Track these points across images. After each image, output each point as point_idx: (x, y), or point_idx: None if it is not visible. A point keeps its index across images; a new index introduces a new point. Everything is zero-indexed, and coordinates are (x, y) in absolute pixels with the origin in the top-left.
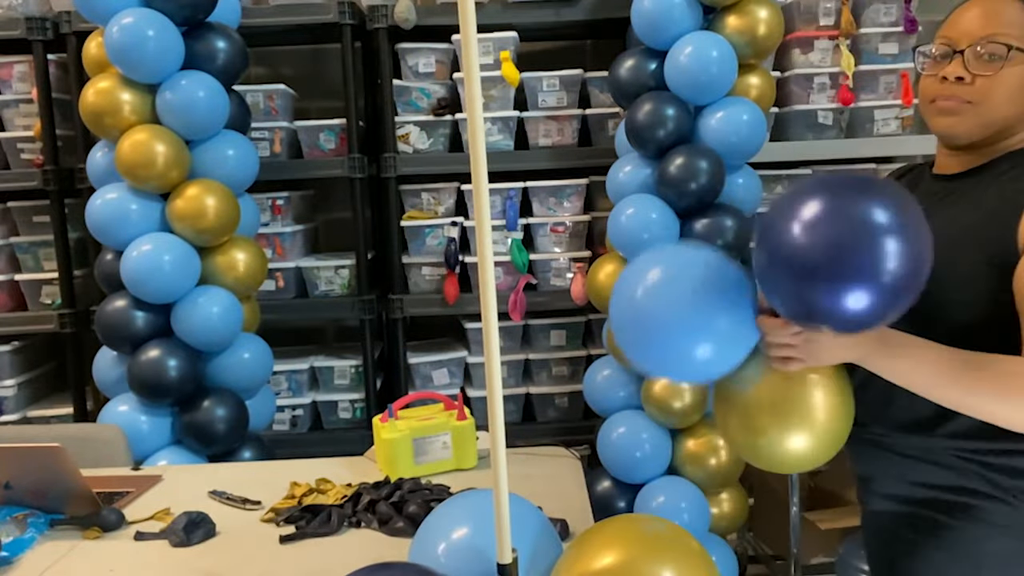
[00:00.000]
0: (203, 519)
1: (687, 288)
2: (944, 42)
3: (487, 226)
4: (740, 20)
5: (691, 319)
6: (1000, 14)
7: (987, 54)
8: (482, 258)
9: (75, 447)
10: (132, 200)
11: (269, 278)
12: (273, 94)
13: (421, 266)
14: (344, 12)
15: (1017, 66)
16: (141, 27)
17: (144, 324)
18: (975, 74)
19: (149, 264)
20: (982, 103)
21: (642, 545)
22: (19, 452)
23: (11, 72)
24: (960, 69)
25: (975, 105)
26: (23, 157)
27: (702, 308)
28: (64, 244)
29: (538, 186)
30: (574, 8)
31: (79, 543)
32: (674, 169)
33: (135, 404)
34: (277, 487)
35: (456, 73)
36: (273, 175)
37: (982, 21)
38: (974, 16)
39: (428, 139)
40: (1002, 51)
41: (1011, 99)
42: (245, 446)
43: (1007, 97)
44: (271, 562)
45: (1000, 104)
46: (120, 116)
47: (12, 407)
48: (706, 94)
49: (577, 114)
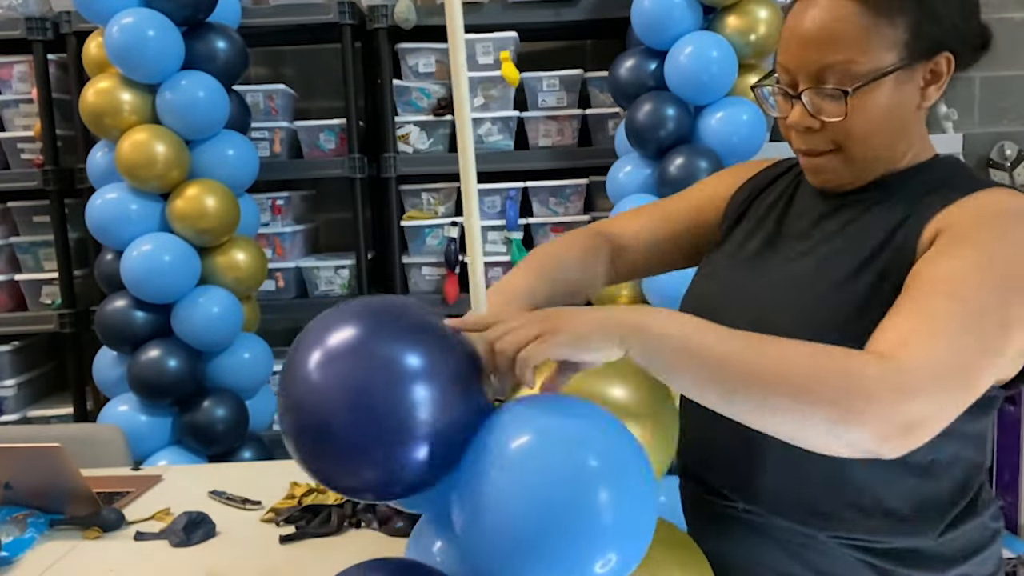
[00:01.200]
0: (203, 519)
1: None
2: (783, 73)
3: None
4: (740, 20)
5: None
6: (824, 34)
7: (828, 95)
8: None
9: (75, 447)
10: (132, 200)
11: (269, 278)
12: (273, 94)
13: (421, 266)
14: (344, 12)
15: (869, 92)
16: (141, 27)
17: (144, 324)
18: (823, 120)
19: (149, 264)
20: (845, 148)
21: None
22: (19, 452)
23: (11, 72)
24: (805, 117)
25: (841, 151)
26: (23, 157)
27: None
28: (64, 244)
29: (538, 186)
30: (574, 8)
31: (79, 543)
32: (674, 169)
33: (135, 404)
34: (277, 487)
35: None
36: (273, 175)
37: (811, 45)
38: (804, 37)
39: (428, 139)
40: (839, 94)
41: (876, 128)
42: (245, 446)
43: (870, 130)
44: (271, 562)
45: (866, 141)
46: (120, 116)
47: (12, 407)
48: (706, 94)
49: (577, 114)
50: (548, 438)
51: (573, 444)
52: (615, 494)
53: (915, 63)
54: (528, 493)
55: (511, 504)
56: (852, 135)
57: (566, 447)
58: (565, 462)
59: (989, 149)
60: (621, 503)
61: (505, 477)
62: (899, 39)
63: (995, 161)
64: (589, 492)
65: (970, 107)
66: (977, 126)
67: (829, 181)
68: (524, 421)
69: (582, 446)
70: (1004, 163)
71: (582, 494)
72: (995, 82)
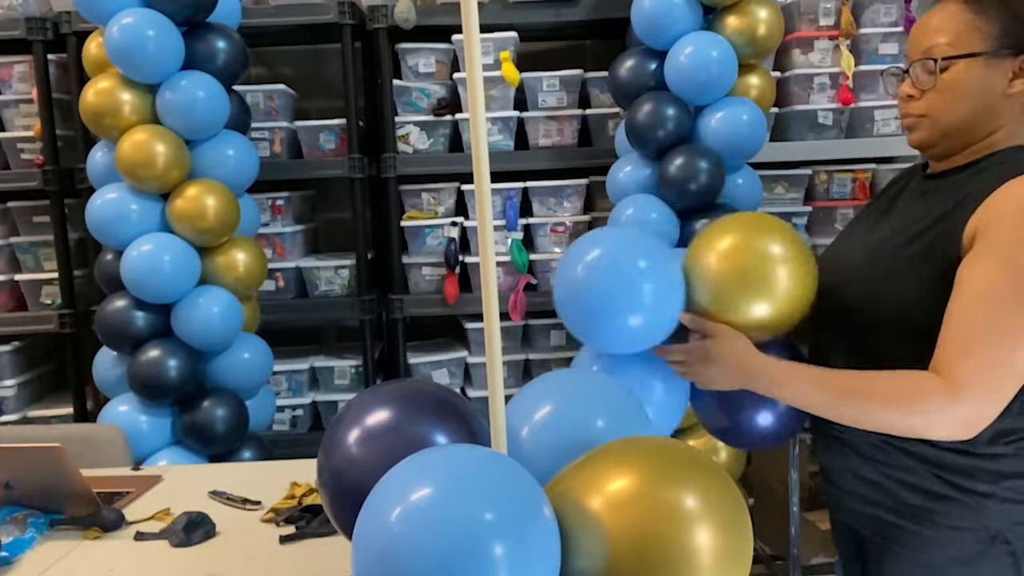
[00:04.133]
0: (203, 519)
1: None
2: (905, 63)
3: (489, 227)
4: (740, 20)
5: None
6: (934, 23)
7: (925, 69)
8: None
9: (75, 447)
10: (132, 200)
11: (269, 278)
12: (273, 94)
13: (421, 266)
14: (344, 12)
15: (953, 71)
16: (141, 27)
17: (144, 324)
18: (921, 89)
19: (149, 264)
20: (932, 114)
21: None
22: (19, 452)
23: (11, 72)
24: (909, 87)
25: (927, 117)
26: (23, 157)
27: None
28: (64, 244)
29: (538, 186)
30: (574, 8)
31: (79, 543)
32: (674, 169)
33: (135, 404)
34: (277, 487)
35: (456, 73)
36: (273, 175)
37: (921, 35)
38: (917, 31)
39: (428, 139)
40: (931, 65)
41: (956, 103)
42: (245, 446)
43: (951, 102)
44: (271, 562)
45: (947, 110)
46: (120, 116)
47: (12, 407)
48: (706, 94)
49: (577, 114)
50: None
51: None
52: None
53: (1003, 54)
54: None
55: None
56: (935, 106)
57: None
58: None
59: None
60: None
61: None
62: (991, 32)
63: None
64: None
65: None
66: None
67: (918, 140)
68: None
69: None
70: None
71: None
72: None
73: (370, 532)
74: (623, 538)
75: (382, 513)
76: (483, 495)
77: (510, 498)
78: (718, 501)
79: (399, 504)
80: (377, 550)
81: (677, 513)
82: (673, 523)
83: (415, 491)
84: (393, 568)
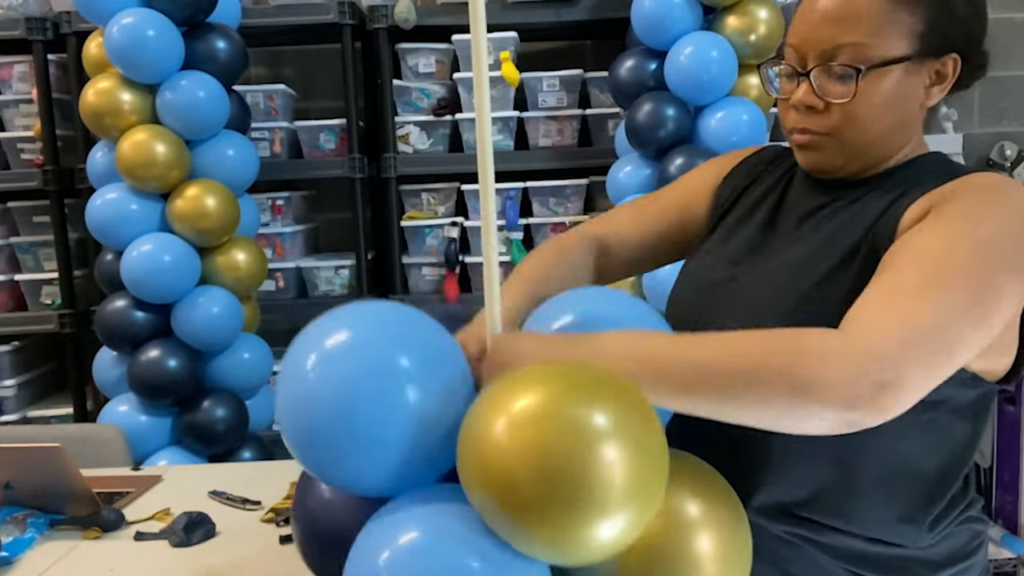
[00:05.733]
0: (203, 519)
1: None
2: (791, 54)
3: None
4: (740, 20)
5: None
6: (836, 11)
7: (833, 76)
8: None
9: (75, 447)
10: (132, 200)
11: (269, 278)
12: (273, 94)
13: (421, 266)
14: (344, 12)
15: (878, 78)
16: (141, 27)
17: (144, 324)
18: (828, 101)
19: (149, 264)
20: (841, 133)
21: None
22: (19, 452)
23: (11, 72)
24: (810, 96)
25: (833, 137)
26: (23, 157)
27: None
28: (64, 244)
29: (538, 186)
30: (574, 8)
31: (79, 543)
32: (674, 169)
33: (135, 404)
34: (277, 487)
35: (456, 73)
36: (273, 175)
37: (828, 23)
38: (823, 13)
39: (428, 139)
40: (845, 72)
41: (878, 116)
42: (245, 446)
43: (872, 116)
44: (271, 562)
45: (866, 127)
46: (120, 116)
47: (12, 407)
48: (706, 94)
49: (577, 114)
50: None
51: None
52: None
53: (926, 58)
54: None
55: None
56: (853, 119)
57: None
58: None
59: (989, 149)
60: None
61: None
62: (915, 29)
63: (995, 161)
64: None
65: (970, 107)
66: (977, 126)
67: (819, 163)
68: None
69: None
70: (1004, 163)
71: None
72: (995, 82)
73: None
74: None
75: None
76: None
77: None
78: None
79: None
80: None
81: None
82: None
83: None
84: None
